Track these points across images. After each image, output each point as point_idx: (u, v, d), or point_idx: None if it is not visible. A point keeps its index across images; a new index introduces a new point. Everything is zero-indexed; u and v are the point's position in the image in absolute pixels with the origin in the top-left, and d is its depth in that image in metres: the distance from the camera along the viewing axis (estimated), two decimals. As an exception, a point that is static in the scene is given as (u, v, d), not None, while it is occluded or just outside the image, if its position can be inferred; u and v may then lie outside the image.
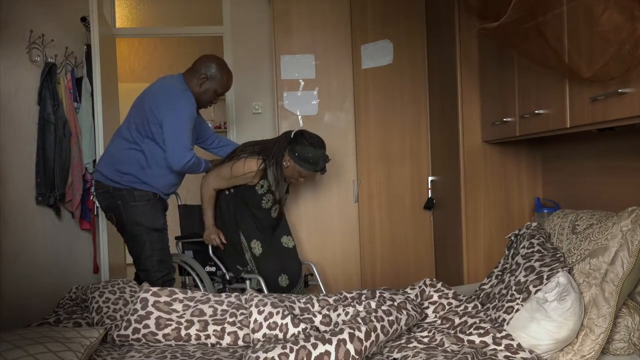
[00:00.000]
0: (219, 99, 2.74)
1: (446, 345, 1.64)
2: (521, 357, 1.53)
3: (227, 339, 1.78)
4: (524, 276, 1.72)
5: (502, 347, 1.58)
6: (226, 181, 2.72)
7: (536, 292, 1.62)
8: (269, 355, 1.46)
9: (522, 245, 1.91)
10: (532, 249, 1.84)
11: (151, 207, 2.57)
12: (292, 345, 1.49)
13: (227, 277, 2.75)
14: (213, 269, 2.82)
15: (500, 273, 2.02)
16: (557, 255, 1.75)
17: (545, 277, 1.64)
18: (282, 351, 1.47)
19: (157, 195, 2.61)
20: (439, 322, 1.87)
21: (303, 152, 2.67)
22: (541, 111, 2.00)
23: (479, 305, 1.89)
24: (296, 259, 2.92)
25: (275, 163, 2.66)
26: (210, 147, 3.01)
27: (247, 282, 2.71)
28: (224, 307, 1.88)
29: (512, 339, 1.59)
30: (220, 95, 2.72)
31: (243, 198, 2.76)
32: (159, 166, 2.55)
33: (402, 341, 1.71)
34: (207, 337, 1.78)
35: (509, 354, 1.55)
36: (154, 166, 2.55)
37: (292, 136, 2.72)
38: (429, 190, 3.25)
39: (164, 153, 2.51)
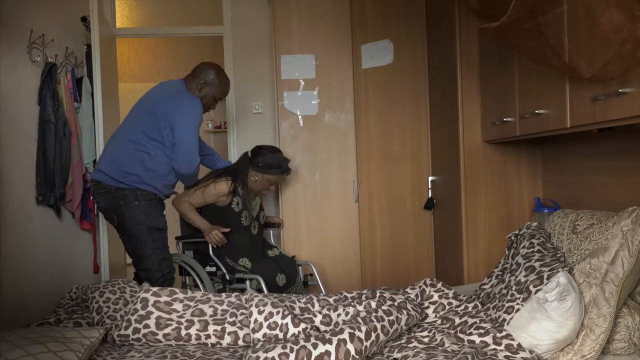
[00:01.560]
0: (216, 104, 2.83)
1: (446, 345, 1.64)
2: (521, 357, 1.53)
3: (228, 339, 1.78)
4: (524, 276, 1.72)
5: (502, 347, 1.58)
6: (198, 202, 2.85)
7: (536, 292, 1.62)
8: (269, 355, 1.46)
9: (522, 245, 1.90)
10: (532, 249, 1.84)
11: (153, 207, 2.60)
12: (292, 345, 1.49)
13: (227, 277, 2.76)
14: (213, 269, 2.82)
15: (500, 273, 2.01)
16: (558, 255, 1.75)
17: (545, 277, 1.64)
18: (283, 351, 1.47)
19: (157, 196, 2.63)
20: (439, 322, 1.87)
21: (265, 160, 2.88)
22: (541, 111, 2.00)
23: (479, 305, 1.89)
24: (288, 258, 2.95)
25: (242, 181, 2.83)
26: None
27: (247, 282, 2.72)
28: (224, 307, 1.88)
29: (513, 339, 1.59)
30: (218, 101, 2.81)
31: (225, 221, 2.83)
32: (163, 166, 2.59)
33: (403, 341, 1.71)
34: (208, 337, 1.78)
35: (509, 354, 1.55)
36: (158, 167, 2.58)
37: (249, 154, 2.92)
38: (429, 190, 3.25)
39: (167, 155, 2.57)
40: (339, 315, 1.84)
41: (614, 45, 1.45)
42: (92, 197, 3.39)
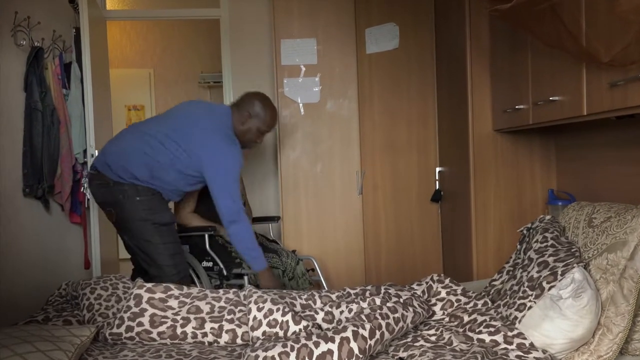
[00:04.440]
0: (263, 137, 2.73)
1: (454, 344, 1.64)
2: (534, 357, 1.53)
3: (225, 337, 1.78)
4: (537, 272, 1.72)
5: (513, 347, 1.58)
6: (191, 205, 2.86)
7: (550, 288, 1.61)
8: (269, 354, 1.46)
9: (535, 240, 1.90)
10: (545, 243, 1.83)
11: (157, 201, 2.52)
12: (293, 344, 1.49)
13: (225, 273, 2.75)
14: (210, 264, 2.82)
15: (511, 268, 2.01)
16: (573, 250, 1.74)
17: (559, 272, 1.63)
18: (283, 350, 1.47)
19: (159, 193, 2.57)
20: (447, 319, 1.87)
21: None
22: (556, 98, 1.98)
23: (489, 302, 1.89)
24: (286, 250, 2.99)
25: None
26: None
27: (245, 277, 2.71)
28: (222, 303, 1.88)
29: (525, 338, 1.59)
30: (265, 134, 2.71)
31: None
32: (170, 180, 2.53)
33: (409, 339, 1.71)
34: (204, 335, 1.78)
35: (521, 354, 1.54)
36: (166, 179, 2.52)
37: None
38: (437, 182, 3.25)
39: (178, 170, 2.50)
40: (341, 312, 1.84)
41: (634, 27, 1.43)
42: (85, 186, 3.36)
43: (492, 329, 1.65)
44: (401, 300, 1.82)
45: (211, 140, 2.48)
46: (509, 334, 1.61)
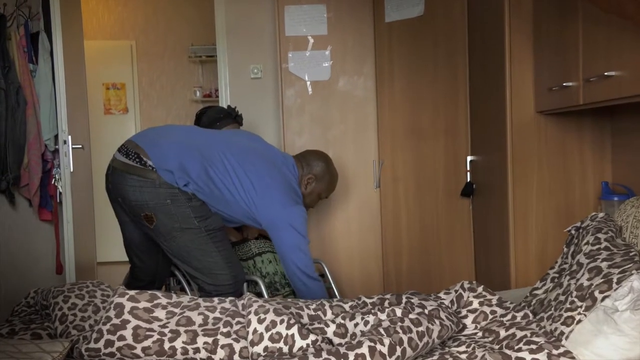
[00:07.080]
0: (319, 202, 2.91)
1: (490, 363, 1.64)
2: (584, 379, 1.53)
3: (221, 353, 1.78)
4: (588, 279, 1.71)
5: (560, 367, 1.58)
6: None
7: (603, 299, 1.61)
8: (272, 373, 1.47)
9: (585, 241, 1.90)
10: (598, 246, 1.83)
11: (207, 207, 2.51)
12: (299, 362, 1.50)
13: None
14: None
15: (557, 275, 2.01)
16: (631, 254, 1.73)
17: (615, 280, 1.63)
18: (288, 369, 1.48)
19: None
20: (480, 334, 1.88)
21: (209, 117, 3.05)
22: (612, 73, 1.97)
23: (530, 315, 1.89)
24: None
25: None
26: None
27: (244, 284, 2.73)
28: (217, 314, 1.89)
29: (573, 357, 1.59)
30: (321, 199, 2.89)
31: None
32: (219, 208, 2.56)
33: (435, 357, 1.71)
34: (196, 351, 1.79)
35: (569, 375, 1.54)
36: (218, 208, 2.54)
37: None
38: (468, 173, 3.24)
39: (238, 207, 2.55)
40: (356, 325, 1.85)
41: None
42: (56, 178, 3.37)
43: (533, 347, 1.64)
44: (426, 311, 1.82)
45: (280, 201, 2.56)
46: (554, 352, 1.61)
